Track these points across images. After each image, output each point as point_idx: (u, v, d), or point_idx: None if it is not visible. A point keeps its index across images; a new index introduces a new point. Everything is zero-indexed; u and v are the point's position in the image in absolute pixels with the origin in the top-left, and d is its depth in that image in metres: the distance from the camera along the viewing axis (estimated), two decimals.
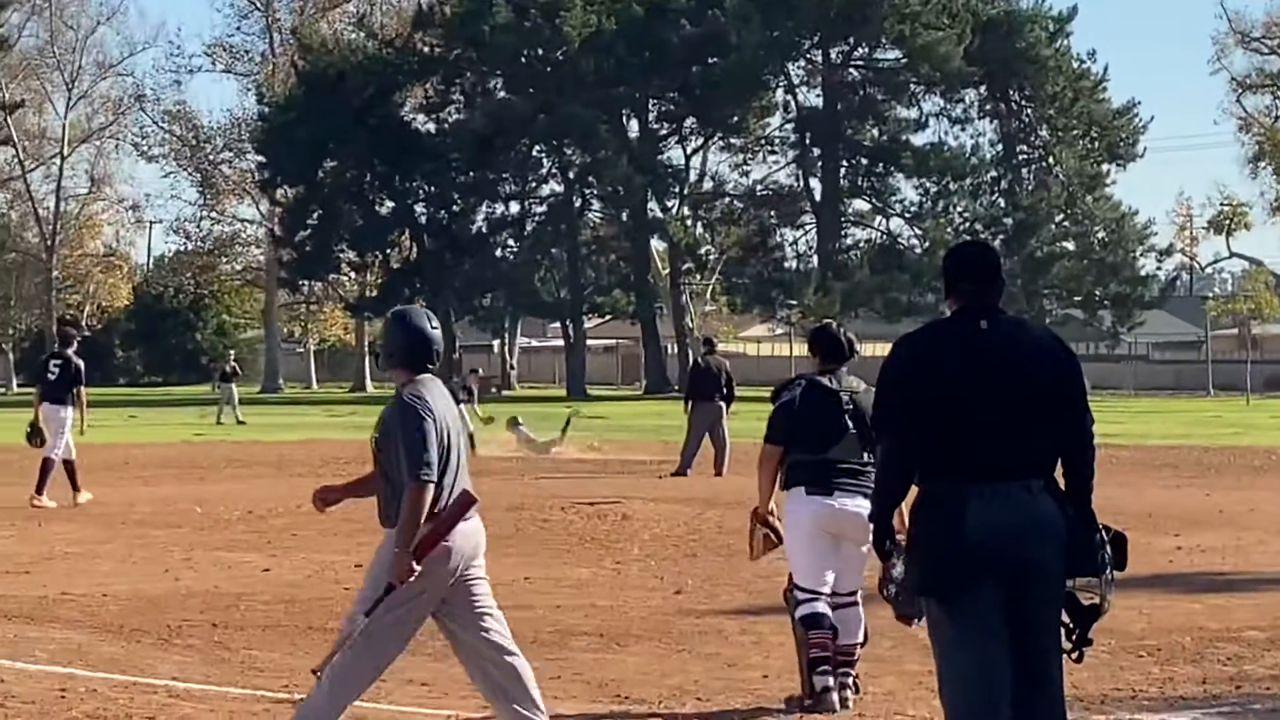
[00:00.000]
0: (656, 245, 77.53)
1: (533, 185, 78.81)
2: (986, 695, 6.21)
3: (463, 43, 74.47)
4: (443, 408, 7.63)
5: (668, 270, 77.12)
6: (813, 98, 77.19)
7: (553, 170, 78.17)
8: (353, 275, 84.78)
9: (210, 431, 42.18)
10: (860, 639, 9.48)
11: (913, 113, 76.16)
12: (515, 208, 79.17)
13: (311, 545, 16.63)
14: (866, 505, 8.18)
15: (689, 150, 78.03)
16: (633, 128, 76.95)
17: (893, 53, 74.43)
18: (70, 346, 22.27)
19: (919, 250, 73.65)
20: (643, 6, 71.10)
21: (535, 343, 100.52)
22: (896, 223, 77.07)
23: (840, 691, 9.25)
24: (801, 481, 9.40)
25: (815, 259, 76.68)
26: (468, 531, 7.64)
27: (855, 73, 76.24)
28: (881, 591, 6.44)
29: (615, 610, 12.94)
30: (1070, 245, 75.99)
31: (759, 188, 78.03)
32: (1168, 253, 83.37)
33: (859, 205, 78.10)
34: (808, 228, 78.18)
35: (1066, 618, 6.36)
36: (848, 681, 9.35)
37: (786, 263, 78.21)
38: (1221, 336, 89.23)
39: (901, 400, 6.35)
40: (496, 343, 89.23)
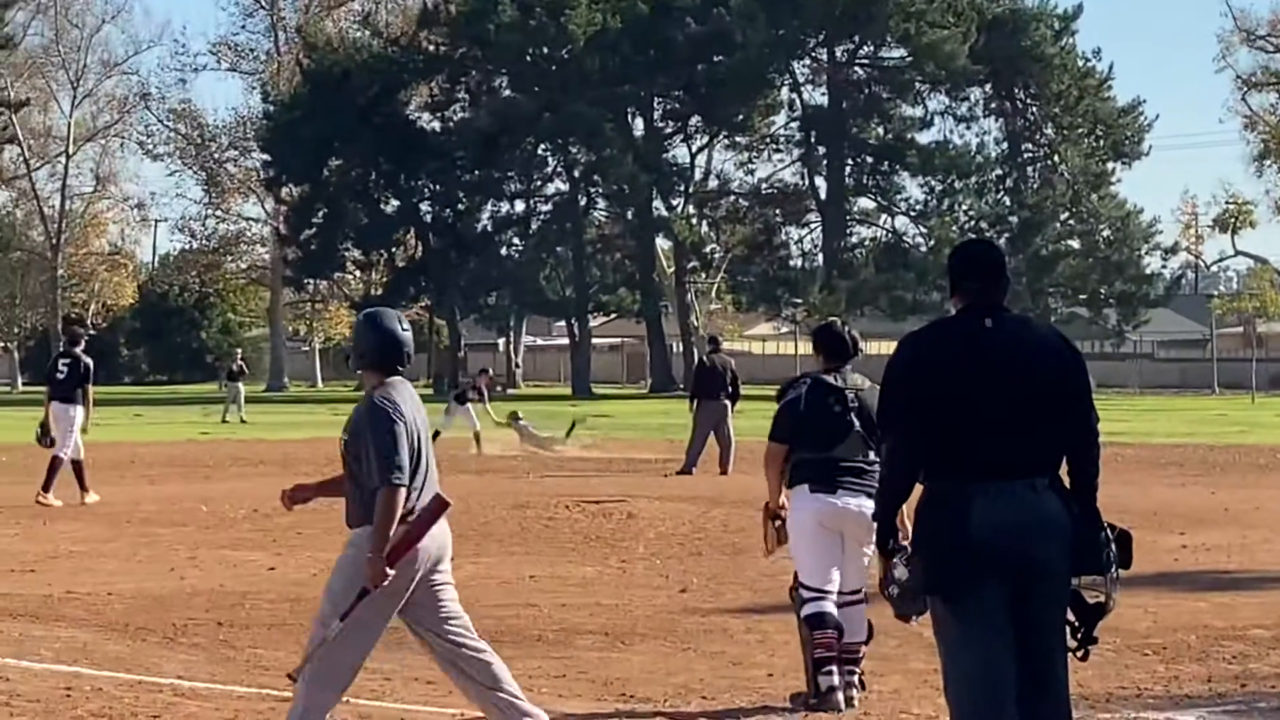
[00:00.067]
0: (661, 244, 77.47)
1: (538, 184, 78.84)
2: (991, 694, 6.21)
3: (468, 41, 74.43)
4: (412, 411, 7.60)
5: (673, 269, 77.06)
6: (818, 96, 77.28)
7: (558, 169, 78.18)
8: (358, 274, 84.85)
9: (215, 430, 42.22)
10: (865, 636, 9.47)
11: (918, 111, 76.24)
12: (520, 206, 79.27)
13: (317, 544, 16.60)
14: (870, 505, 8.18)
15: (694, 149, 78.12)
16: (638, 126, 76.98)
17: (898, 51, 74.42)
18: (79, 345, 22.25)
19: (924, 248, 73.64)
20: (648, 5, 71.09)
21: (540, 341, 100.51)
22: (901, 221, 77.09)
23: (845, 691, 9.24)
24: (805, 479, 9.38)
25: (820, 257, 76.58)
26: (435, 534, 7.62)
27: (860, 71, 76.22)
28: (883, 591, 6.44)
29: (620, 609, 12.93)
30: (1075, 243, 75.91)
31: (764, 186, 78.02)
32: (1173, 251, 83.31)
33: (864, 203, 78.16)
34: (813, 226, 78.15)
35: (1071, 616, 6.36)
36: (853, 680, 9.34)
37: (791, 261, 78.19)
38: (1226, 335, 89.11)
39: (906, 399, 6.35)
40: (502, 341, 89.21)
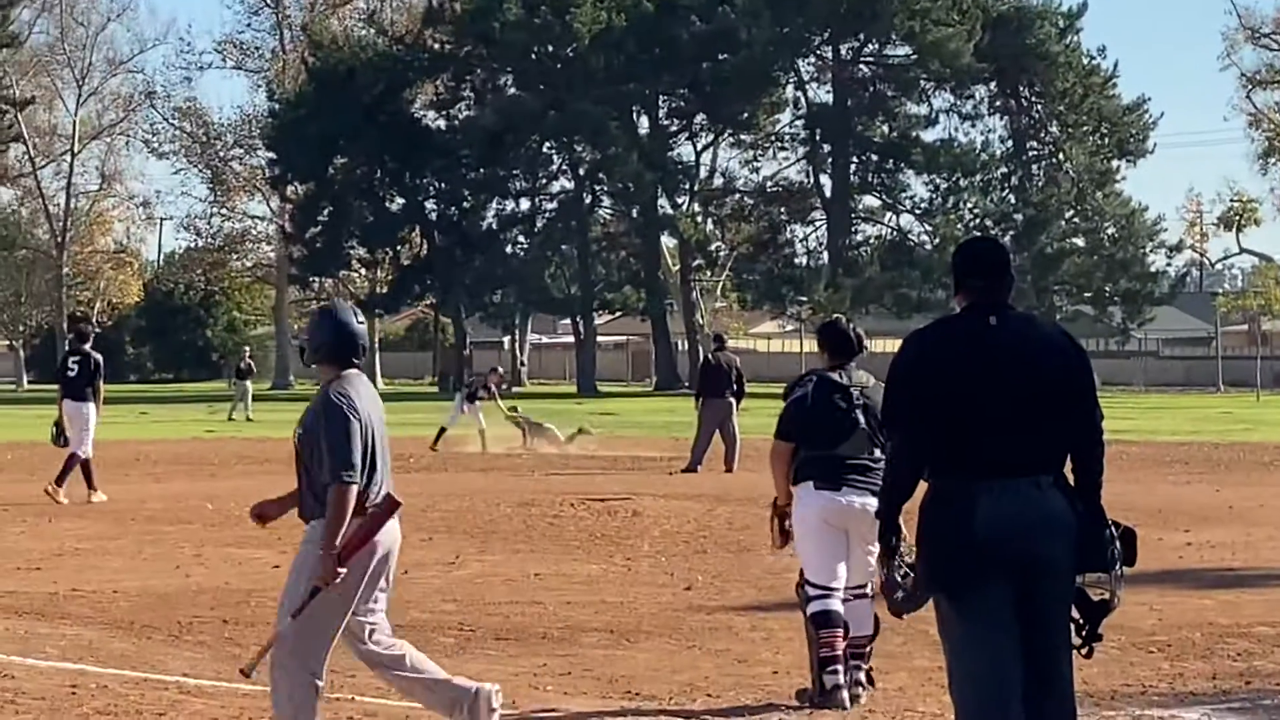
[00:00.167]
0: (667, 242, 77.49)
1: (543, 182, 78.85)
2: (996, 691, 6.21)
3: (473, 39, 74.46)
4: (368, 406, 7.57)
5: (678, 267, 77.05)
6: (823, 94, 77.38)
7: (563, 167, 78.16)
8: (363, 272, 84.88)
9: (221, 428, 42.24)
10: (870, 631, 9.46)
11: (923, 109, 76.22)
12: (526, 204, 79.31)
13: None
14: (874, 503, 8.18)
15: (699, 146, 78.05)
16: (643, 124, 76.96)
17: (903, 49, 74.42)
18: (87, 342, 22.26)
19: (929, 246, 73.63)
20: (653, 3, 71.05)
21: (546, 339, 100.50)
22: (907, 219, 77.09)
23: (851, 687, 9.23)
24: (811, 476, 9.37)
25: (825, 255, 76.57)
26: (389, 529, 7.61)
27: (865, 69, 76.20)
28: (883, 588, 6.44)
29: (625, 606, 12.94)
30: (1080, 241, 75.87)
31: (769, 184, 78.01)
32: (1178, 249, 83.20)
33: (869, 201, 78.14)
34: (818, 224, 78.15)
35: (1076, 613, 6.35)
36: (859, 676, 9.34)
37: (797, 259, 78.18)
38: (1231, 332, 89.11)
39: (911, 397, 6.35)
40: (507, 339, 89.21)
